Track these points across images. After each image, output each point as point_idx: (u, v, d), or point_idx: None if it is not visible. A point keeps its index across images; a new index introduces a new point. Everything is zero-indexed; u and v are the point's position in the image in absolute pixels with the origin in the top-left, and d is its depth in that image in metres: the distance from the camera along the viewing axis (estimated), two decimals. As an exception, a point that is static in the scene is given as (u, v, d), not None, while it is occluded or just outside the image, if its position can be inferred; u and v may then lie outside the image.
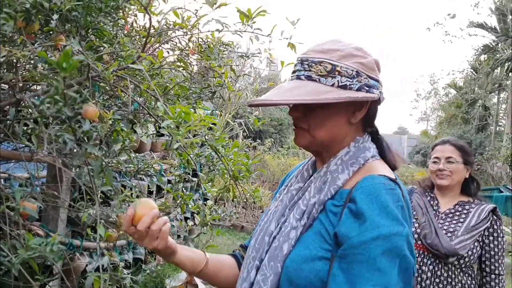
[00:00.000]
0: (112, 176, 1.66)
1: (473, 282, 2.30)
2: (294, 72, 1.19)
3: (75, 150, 1.50)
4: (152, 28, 1.65)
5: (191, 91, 2.17)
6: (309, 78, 1.14)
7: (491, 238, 2.29)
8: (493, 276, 2.28)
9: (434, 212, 2.43)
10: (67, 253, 2.83)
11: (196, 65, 2.30)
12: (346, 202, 1.10)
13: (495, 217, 2.31)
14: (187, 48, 2.17)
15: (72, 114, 1.35)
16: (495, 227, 2.29)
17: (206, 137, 1.63)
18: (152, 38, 1.67)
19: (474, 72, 21.77)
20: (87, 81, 1.49)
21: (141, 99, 1.91)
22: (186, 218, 5.09)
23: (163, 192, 4.54)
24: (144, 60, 1.62)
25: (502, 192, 11.40)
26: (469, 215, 2.33)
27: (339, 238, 1.07)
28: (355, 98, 1.12)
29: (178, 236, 4.96)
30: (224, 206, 8.91)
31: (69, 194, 2.48)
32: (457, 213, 2.38)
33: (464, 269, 2.28)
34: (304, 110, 1.19)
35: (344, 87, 1.12)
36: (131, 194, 2.87)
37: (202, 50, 2.11)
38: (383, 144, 1.28)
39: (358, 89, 1.13)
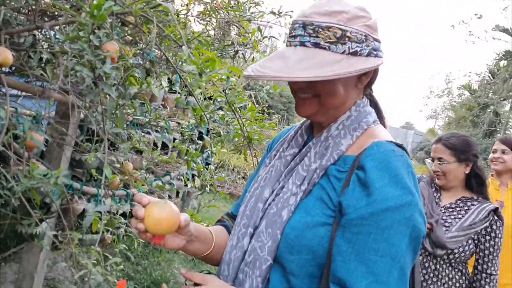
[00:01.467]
0: (124, 120, 1.62)
1: (463, 278, 2.29)
2: (295, 36, 1.08)
3: (91, 88, 1.46)
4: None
5: (213, 47, 2.12)
6: (317, 45, 1.05)
7: (487, 237, 2.27)
8: (484, 275, 2.27)
9: (436, 204, 2.40)
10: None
11: (221, 21, 2.24)
12: (353, 169, 1.07)
13: (495, 218, 2.28)
14: (214, 2, 2.11)
15: (94, 56, 1.30)
16: (494, 227, 2.26)
17: (227, 91, 1.58)
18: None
19: (491, 77, 21.49)
20: (111, 18, 1.44)
21: (160, 49, 1.86)
22: (186, 180, 5.08)
23: (166, 149, 4.51)
24: (172, 3, 1.56)
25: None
26: (469, 212, 2.30)
27: (344, 207, 1.03)
28: (370, 68, 1.07)
29: (177, 194, 4.97)
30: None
31: (76, 135, 2.45)
32: (457, 209, 2.35)
33: (453, 264, 2.27)
34: (311, 81, 1.10)
35: (354, 53, 1.06)
36: (140, 144, 2.85)
37: (230, 6, 2.05)
38: (380, 108, 1.25)
39: (368, 54, 1.08)
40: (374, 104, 1.26)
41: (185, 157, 2.31)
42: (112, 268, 2.47)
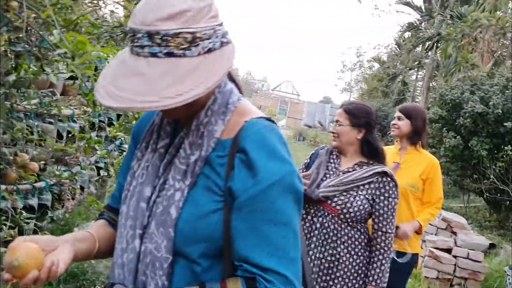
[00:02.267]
0: (6, 109, 1.56)
1: (362, 237, 2.47)
2: (141, 47, 1.00)
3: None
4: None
5: (102, 29, 2.08)
6: (171, 54, 0.99)
7: (381, 197, 2.45)
8: (380, 233, 2.45)
9: (335, 169, 2.57)
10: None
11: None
12: (233, 153, 1.10)
13: (389, 179, 2.46)
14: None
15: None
16: (387, 188, 2.45)
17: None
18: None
19: (398, 48, 22.67)
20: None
21: (40, 34, 1.80)
22: (99, 168, 4.96)
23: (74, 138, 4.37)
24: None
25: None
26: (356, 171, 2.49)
27: (234, 191, 1.08)
28: (227, 67, 1.05)
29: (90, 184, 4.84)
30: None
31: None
32: (353, 172, 2.51)
33: (351, 223, 2.44)
34: None
35: (209, 51, 1.03)
36: (37, 135, 2.75)
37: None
38: (235, 78, 1.25)
39: (221, 46, 1.06)
40: (229, 75, 1.23)
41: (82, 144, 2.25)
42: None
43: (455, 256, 5.33)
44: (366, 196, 2.43)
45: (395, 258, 3.23)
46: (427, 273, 5.30)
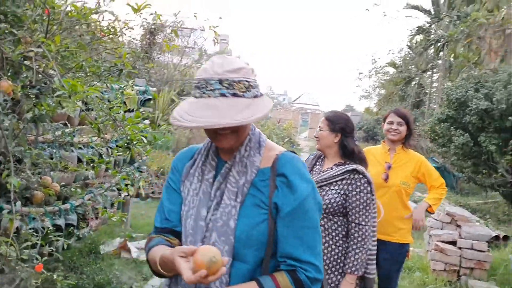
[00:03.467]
0: (26, 140, 2.00)
1: (339, 229, 2.80)
2: (213, 90, 1.41)
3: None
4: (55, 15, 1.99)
5: (103, 69, 2.52)
6: (235, 95, 1.42)
7: (353, 192, 2.77)
8: (353, 224, 2.77)
9: (318, 170, 2.96)
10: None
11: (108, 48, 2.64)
12: (274, 176, 1.51)
13: (360, 176, 2.79)
14: (98, 32, 2.51)
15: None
16: (358, 184, 2.78)
17: (102, 107, 2.00)
18: (54, 26, 2.00)
19: (410, 52, 22.80)
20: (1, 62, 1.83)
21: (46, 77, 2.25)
22: (119, 189, 5.41)
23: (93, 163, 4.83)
24: (53, 44, 1.96)
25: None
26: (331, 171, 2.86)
27: (279, 205, 1.49)
28: (268, 109, 1.47)
29: (112, 205, 5.28)
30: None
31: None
32: (330, 171, 2.88)
33: (328, 216, 2.78)
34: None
35: (256, 96, 1.47)
36: (57, 163, 3.20)
37: (111, 33, 2.46)
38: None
39: (261, 94, 1.51)
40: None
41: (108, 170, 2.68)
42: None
43: (460, 248, 5.56)
44: (338, 191, 2.78)
45: (388, 248, 3.58)
46: (435, 266, 5.53)
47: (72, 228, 4.37)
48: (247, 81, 1.45)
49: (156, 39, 12.79)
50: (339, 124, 2.96)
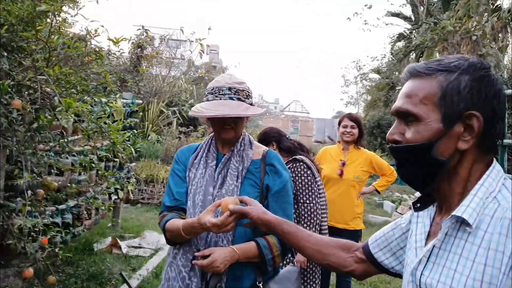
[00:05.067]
0: (34, 146, 2.58)
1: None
2: (224, 94, 1.97)
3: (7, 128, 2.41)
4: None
5: (91, 86, 3.11)
6: (239, 99, 1.97)
7: (296, 177, 3.38)
8: (299, 204, 3.35)
9: None
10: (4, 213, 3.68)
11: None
12: (264, 165, 2.07)
13: (300, 163, 3.42)
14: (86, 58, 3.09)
15: (5, 109, 2.27)
16: (299, 169, 3.40)
17: (91, 118, 2.58)
18: (53, 57, 2.58)
19: (394, 58, 23.50)
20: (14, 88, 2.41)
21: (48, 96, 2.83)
22: (109, 194, 5.94)
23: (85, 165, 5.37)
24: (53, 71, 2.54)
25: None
26: None
27: (270, 186, 2.04)
28: (261, 112, 2.09)
29: (109, 209, 5.82)
30: (154, 186, 9.75)
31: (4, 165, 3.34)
32: None
33: None
34: (234, 118, 1.98)
35: (251, 103, 2.04)
36: (54, 166, 3.77)
37: (97, 57, 3.04)
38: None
39: (255, 104, 2.10)
40: None
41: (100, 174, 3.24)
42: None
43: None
44: None
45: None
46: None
47: (68, 226, 4.92)
48: (247, 91, 2.01)
49: (144, 52, 13.28)
50: (270, 138, 3.61)
